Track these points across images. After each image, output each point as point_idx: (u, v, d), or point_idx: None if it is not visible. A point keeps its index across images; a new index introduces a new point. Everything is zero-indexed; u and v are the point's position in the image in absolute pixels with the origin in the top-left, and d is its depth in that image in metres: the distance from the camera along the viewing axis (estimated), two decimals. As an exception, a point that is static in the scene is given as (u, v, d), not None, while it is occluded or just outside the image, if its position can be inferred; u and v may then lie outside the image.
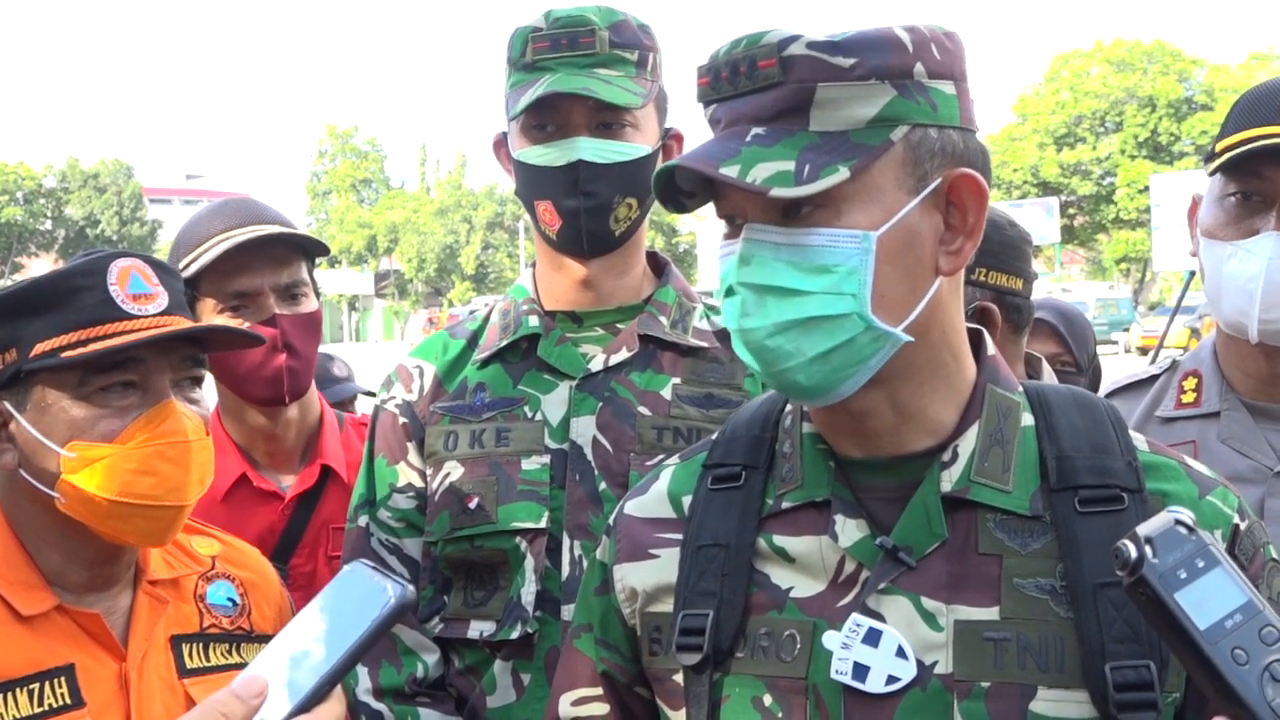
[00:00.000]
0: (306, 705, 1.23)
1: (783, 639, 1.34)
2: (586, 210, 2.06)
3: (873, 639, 1.29)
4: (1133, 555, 1.05)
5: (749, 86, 1.28)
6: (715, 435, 1.54)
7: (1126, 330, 36.29)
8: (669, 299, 2.20)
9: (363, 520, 2.18)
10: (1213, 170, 2.00)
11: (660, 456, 1.74)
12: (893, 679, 1.28)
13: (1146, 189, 43.04)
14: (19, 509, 1.70)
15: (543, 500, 2.05)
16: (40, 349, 1.64)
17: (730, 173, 1.24)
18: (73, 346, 1.63)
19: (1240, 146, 1.96)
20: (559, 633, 2.01)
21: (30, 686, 1.59)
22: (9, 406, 1.67)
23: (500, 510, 2.05)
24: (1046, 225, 44.89)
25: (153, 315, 1.67)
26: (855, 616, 1.30)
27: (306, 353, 2.45)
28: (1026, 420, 1.38)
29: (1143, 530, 1.06)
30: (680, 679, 1.41)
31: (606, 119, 2.06)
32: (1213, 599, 1.04)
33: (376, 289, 74.87)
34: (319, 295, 2.54)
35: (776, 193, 1.22)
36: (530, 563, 2.04)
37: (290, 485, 2.51)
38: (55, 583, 1.69)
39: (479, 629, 2.07)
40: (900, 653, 1.28)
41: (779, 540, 1.39)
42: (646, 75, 2.10)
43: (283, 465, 2.55)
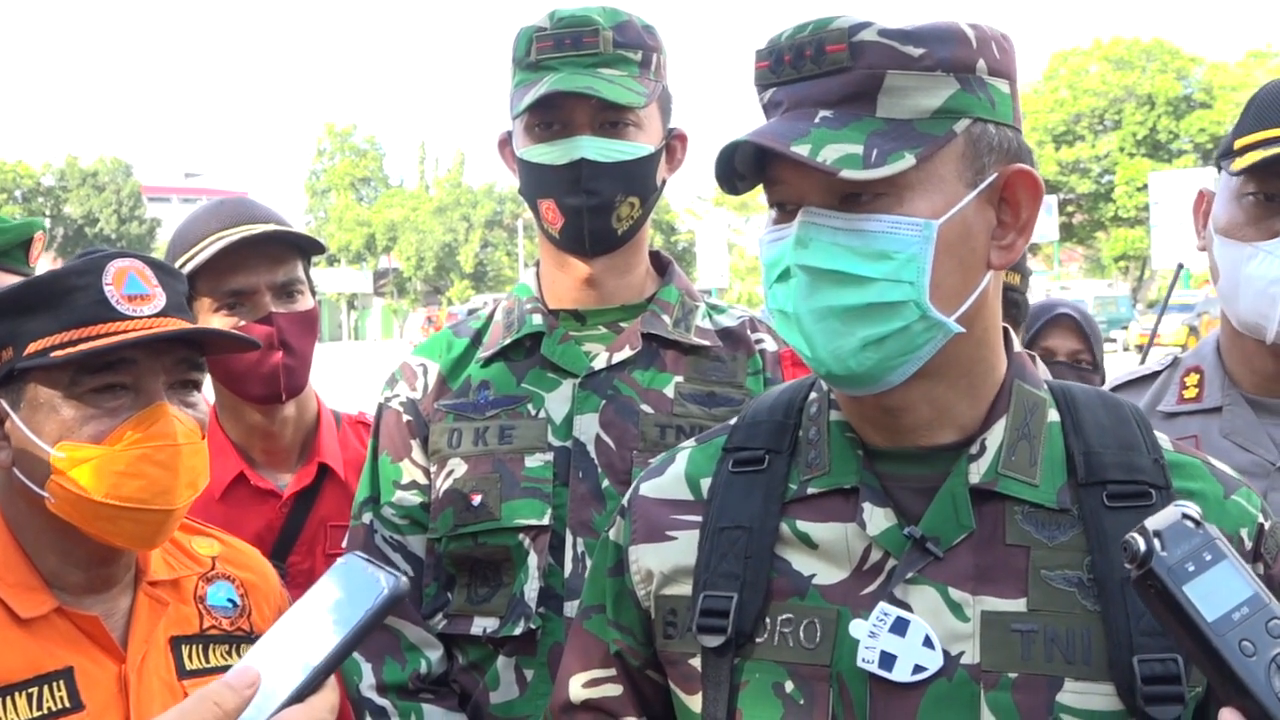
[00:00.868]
0: (300, 695, 1.23)
1: (805, 626, 1.35)
2: (589, 209, 2.07)
3: (900, 628, 1.30)
4: (1141, 548, 1.06)
5: (814, 71, 1.29)
6: (734, 420, 1.55)
7: (1125, 328, 36.32)
8: (672, 298, 2.20)
9: (367, 517, 2.19)
10: (1236, 170, 1.98)
11: (661, 455, 1.74)
12: (919, 668, 1.28)
13: (1145, 187, 43.06)
14: (15, 510, 1.70)
15: (546, 497, 2.06)
16: (34, 348, 1.63)
17: (801, 151, 1.24)
18: (64, 346, 1.62)
19: (1263, 147, 1.95)
20: (562, 629, 2.02)
21: (29, 690, 1.59)
22: (4, 404, 1.67)
23: (504, 507, 2.06)
24: (1045, 223, 44.91)
25: (148, 316, 1.66)
26: (883, 605, 1.31)
27: (303, 351, 2.45)
28: (1053, 416, 1.39)
29: (1151, 524, 1.07)
30: (697, 662, 1.41)
31: (610, 118, 2.07)
32: (1220, 592, 1.05)
33: (375, 287, 74.84)
34: (315, 293, 2.54)
35: (846, 174, 1.23)
36: (533, 559, 2.05)
37: (288, 483, 2.50)
38: (54, 585, 1.68)
39: (482, 625, 2.07)
40: (927, 642, 1.29)
41: (802, 526, 1.39)
42: (650, 75, 2.11)
43: (280, 463, 2.54)
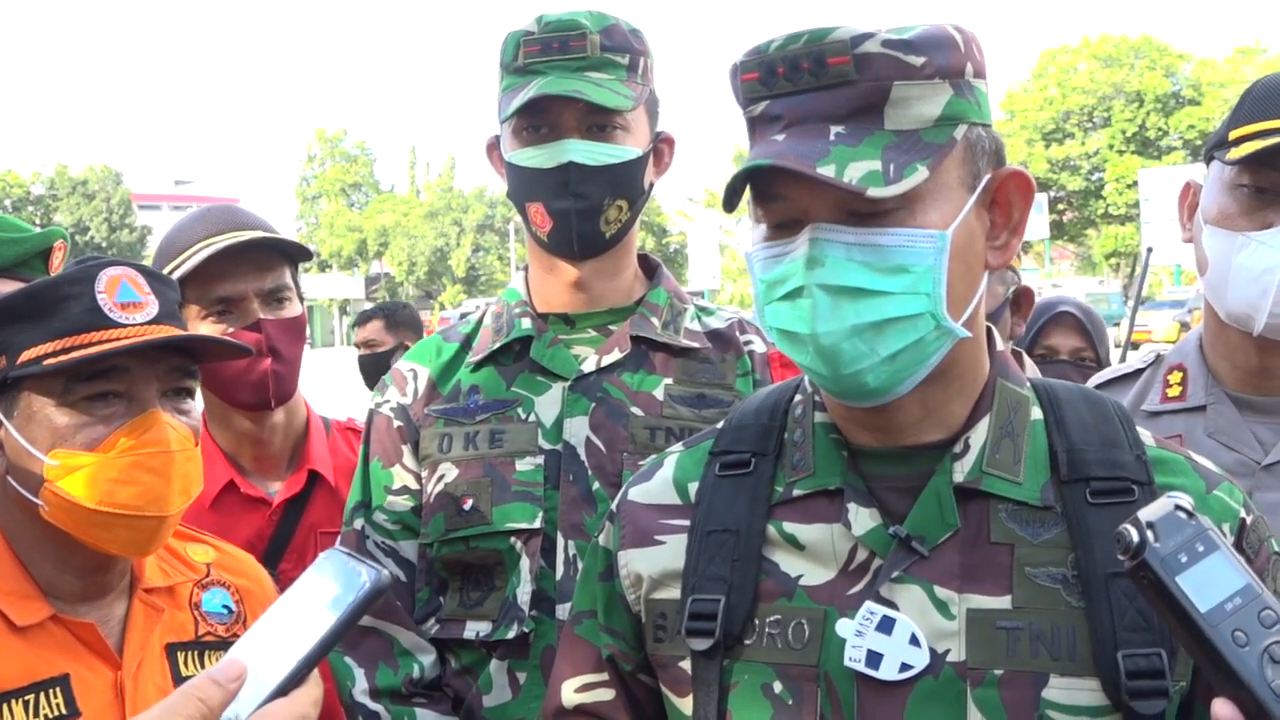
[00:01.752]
0: (284, 689, 1.24)
1: (793, 626, 1.35)
2: (577, 212, 2.07)
3: (886, 627, 1.30)
4: (1135, 539, 1.07)
5: (814, 83, 1.27)
6: (720, 424, 1.55)
7: (1116, 325, 36.34)
8: (660, 300, 2.21)
9: (358, 523, 2.19)
10: (1232, 161, 1.98)
11: (648, 460, 1.75)
12: (906, 666, 1.29)
13: (1135, 184, 43.17)
14: (10, 518, 1.70)
15: (537, 501, 2.06)
16: (27, 356, 1.63)
17: (828, 172, 1.23)
18: (57, 354, 1.62)
19: (1258, 138, 1.95)
20: (554, 632, 2.02)
21: (25, 697, 1.59)
22: None
23: (495, 511, 2.06)
24: (1036, 221, 44.88)
25: (140, 324, 1.66)
26: (869, 604, 1.32)
27: (291, 357, 2.44)
28: (1036, 414, 1.40)
29: (1144, 515, 1.08)
30: (687, 665, 1.41)
31: (597, 121, 2.07)
32: (1213, 582, 1.06)
33: (367, 293, 74.65)
34: (303, 300, 2.54)
35: (873, 193, 1.22)
36: (525, 563, 2.05)
37: (278, 491, 2.50)
38: (49, 592, 1.68)
39: (475, 629, 2.07)
40: (913, 640, 1.29)
41: (789, 527, 1.40)
42: (637, 79, 2.11)
43: (270, 471, 2.53)
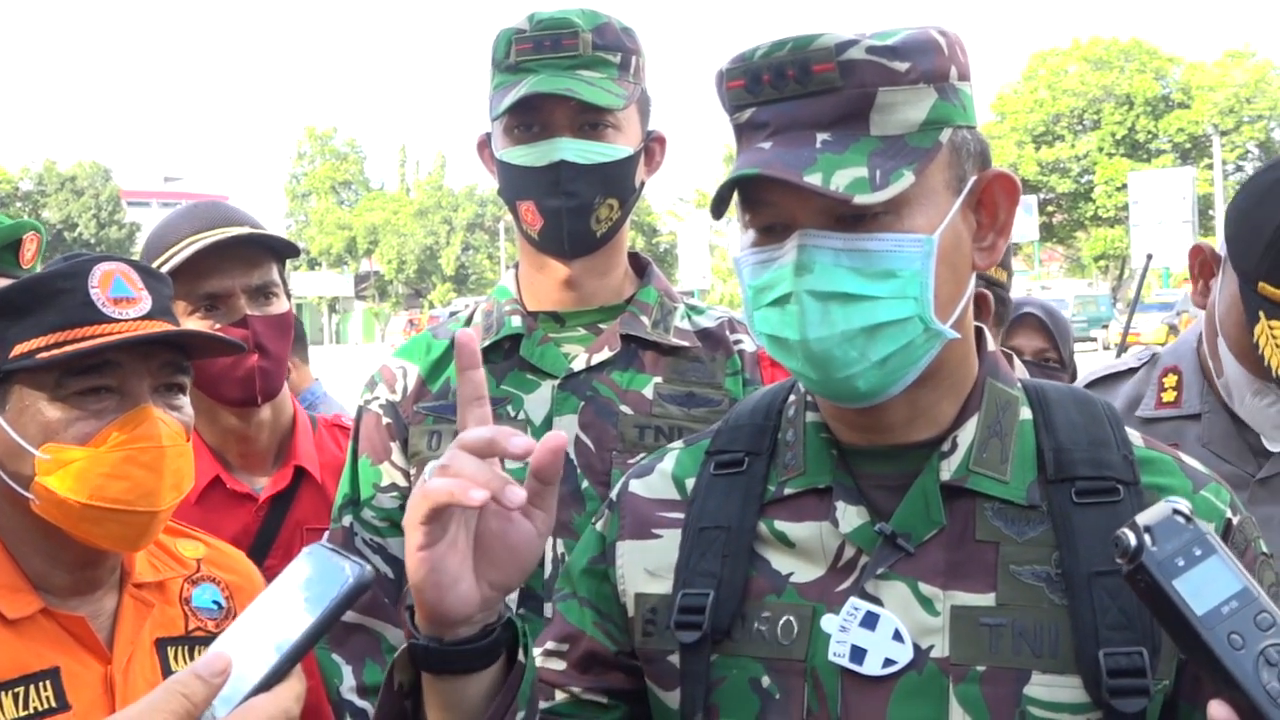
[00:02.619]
0: (267, 684, 1.24)
1: (782, 622, 1.36)
2: (568, 210, 2.07)
3: (870, 622, 1.31)
4: (1132, 543, 1.08)
5: (799, 90, 1.28)
6: (718, 424, 1.56)
7: (1105, 327, 36.47)
8: (651, 299, 2.21)
9: (347, 520, 2.19)
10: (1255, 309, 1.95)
11: (641, 455, 1.75)
12: (889, 662, 1.29)
13: (1124, 186, 43.29)
14: (1, 512, 1.70)
15: None
16: (19, 350, 1.64)
17: (815, 180, 1.23)
18: (49, 348, 1.62)
19: None
20: (541, 629, 2.01)
21: (15, 690, 1.59)
22: None
23: None
24: (1025, 223, 45.09)
25: (133, 319, 1.67)
26: (853, 600, 1.32)
27: (278, 354, 2.44)
28: (1025, 414, 1.40)
29: (1142, 519, 1.09)
30: (675, 660, 1.42)
31: (589, 120, 2.07)
32: (1210, 586, 1.07)
33: (356, 291, 74.63)
34: (290, 296, 2.54)
35: (860, 200, 1.22)
36: (513, 561, 2.04)
37: (264, 487, 2.49)
38: (40, 586, 1.69)
39: None
40: (897, 636, 1.30)
41: (780, 525, 1.40)
42: (629, 77, 2.11)
43: (256, 467, 2.53)
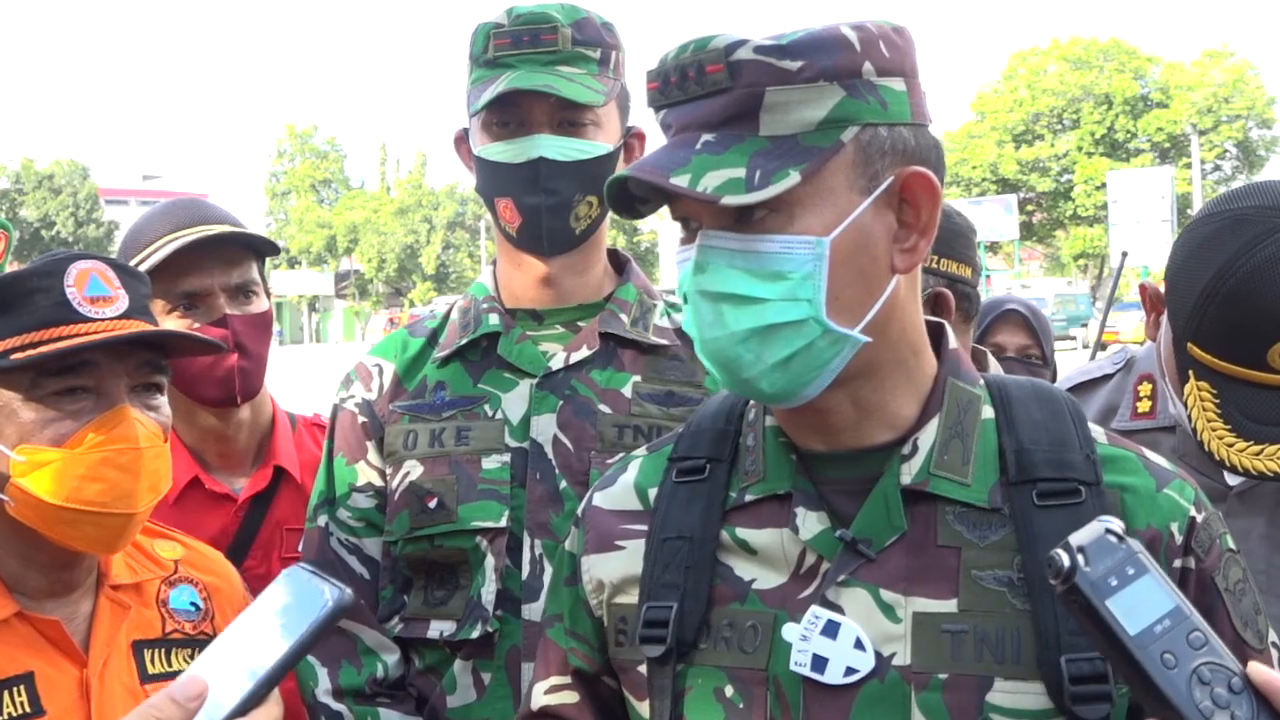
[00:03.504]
0: (244, 709, 1.24)
1: (745, 630, 1.35)
2: (547, 208, 2.06)
3: (831, 631, 1.30)
4: (1066, 564, 1.08)
5: (698, 91, 1.29)
6: (680, 429, 1.55)
7: (1084, 326, 36.58)
8: (630, 297, 2.20)
9: (322, 520, 2.17)
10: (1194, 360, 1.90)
11: (620, 455, 1.75)
12: (851, 670, 1.29)
13: (1103, 185, 43.43)
14: None
15: (503, 499, 2.04)
16: None
17: (681, 182, 1.24)
18: (24, 348, 1.61)
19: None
20: (519, 632, 2.01)
21: None
22: None
23: (460, 509, 2.04)
24: (1005, 222, 45.14)
25: (110, 318, 1.65)
26: (814, 609, 1.31)
27: (258, 353, 2.42)
28: (987, 413, 1.39)
29: (1075, 539, 1.09)
30: (645, 670, 1.42)
31: (568, 116, 2.06)
32: (1142, 605, 1.08)
33: (337, 289, 74.43)
34: (270, 295, 2.52)
35: (728, 201, 1.23)
36: (490, 562, 2.03)
37: (243, 487, 2.47)
38: (15, 589, 1.67)
39: (439, 629, 2.06)
40: (859, 644, 1.29)
41: (742, 533, 1.40)
42: (609, 73, 2.10)
43: (235, 467, 2.51)
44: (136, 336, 1.66)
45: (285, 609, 1.27)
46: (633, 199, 1.36)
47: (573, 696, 1.53)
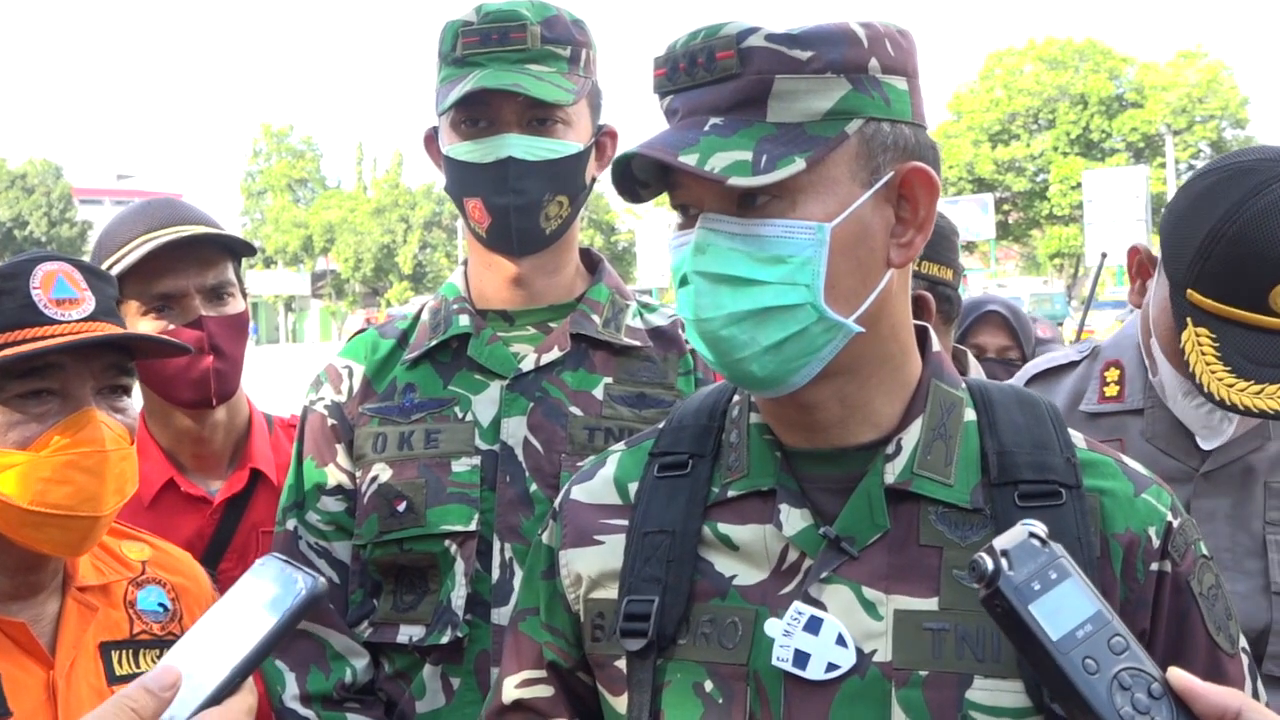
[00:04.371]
0: (218, 697, 1.24)
1: (725, 626, 1.36)
2: (516, 208, 2.04)
3: (813, 627, 1.31)
4: (989, 568, 1.09)
5: (707, 78, 1.30)
6: (662, 424, 1.56)
7: (1061, 324, 36.73)
8: (602, 297, 2.18)
9: (291, 523, 2.15)
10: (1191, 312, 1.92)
11: (591, 457, 1.75)
12: (832, 666, 1.29)
13: (1079, 185, 43.73)
14: None
15: (473, 502, 2.03)
16: None
17: (689, 161, 1.25)
18: None
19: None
20: (489, 636, 2.00)
21: None
22: None
23: (430, 513, 2.03)
24: (981, 221, 45.42)
25: (76, 321, 1.64)
26: (796, 604, 1.32)
27: (234, 355, 2.40)
28: (969, 416, 1.41)
29: (998, 543, 1.10)
30: (622, 665, 1.42)
31: (538, 115, 2.05)
32: (1065, 610, 1.08)
33: (313, 289, 74.27)
34: (246, 296, 2.50)
35: (734, 182, 1.24)
36: (460, 566, 2.02)
37: (218, 489, 2.45)
38: (-20, 591, 1.66)
39: (408, 633, 2.04)
40: (840, 641, 1.30)
41: (724, 528, 1.40)
42: (579, 71, 2.09)
43: (210, 469, 2.49)
44: (102, 339, 1.65)
45: (259, 598, 1.28)
46: (635, 182, 1.37)
47: (547, 690, 1.52)
